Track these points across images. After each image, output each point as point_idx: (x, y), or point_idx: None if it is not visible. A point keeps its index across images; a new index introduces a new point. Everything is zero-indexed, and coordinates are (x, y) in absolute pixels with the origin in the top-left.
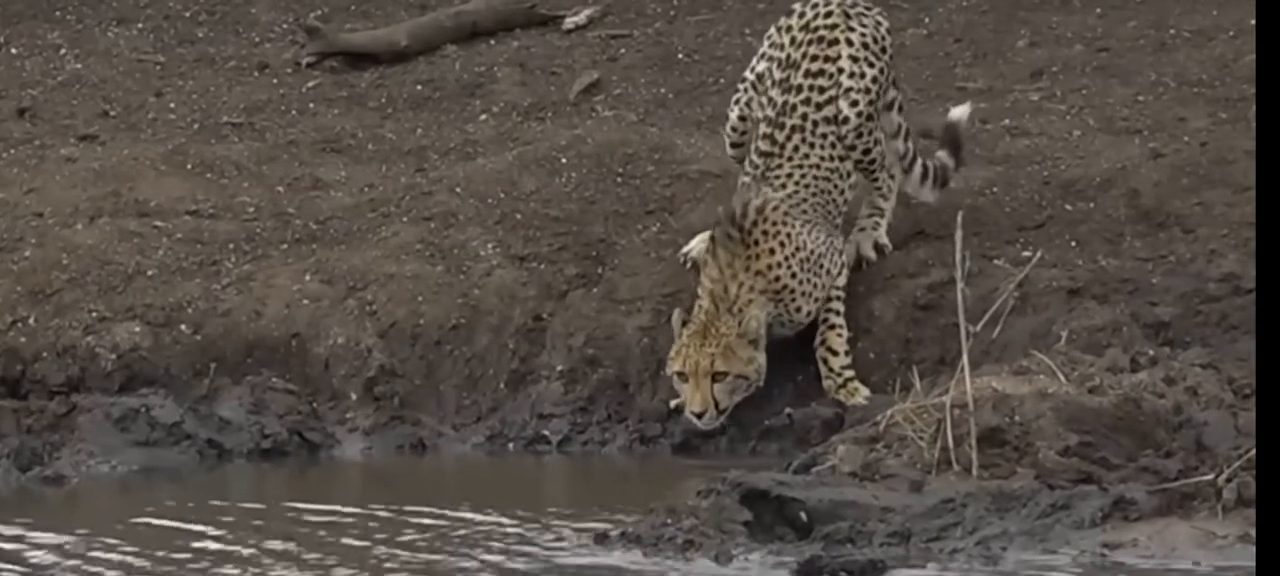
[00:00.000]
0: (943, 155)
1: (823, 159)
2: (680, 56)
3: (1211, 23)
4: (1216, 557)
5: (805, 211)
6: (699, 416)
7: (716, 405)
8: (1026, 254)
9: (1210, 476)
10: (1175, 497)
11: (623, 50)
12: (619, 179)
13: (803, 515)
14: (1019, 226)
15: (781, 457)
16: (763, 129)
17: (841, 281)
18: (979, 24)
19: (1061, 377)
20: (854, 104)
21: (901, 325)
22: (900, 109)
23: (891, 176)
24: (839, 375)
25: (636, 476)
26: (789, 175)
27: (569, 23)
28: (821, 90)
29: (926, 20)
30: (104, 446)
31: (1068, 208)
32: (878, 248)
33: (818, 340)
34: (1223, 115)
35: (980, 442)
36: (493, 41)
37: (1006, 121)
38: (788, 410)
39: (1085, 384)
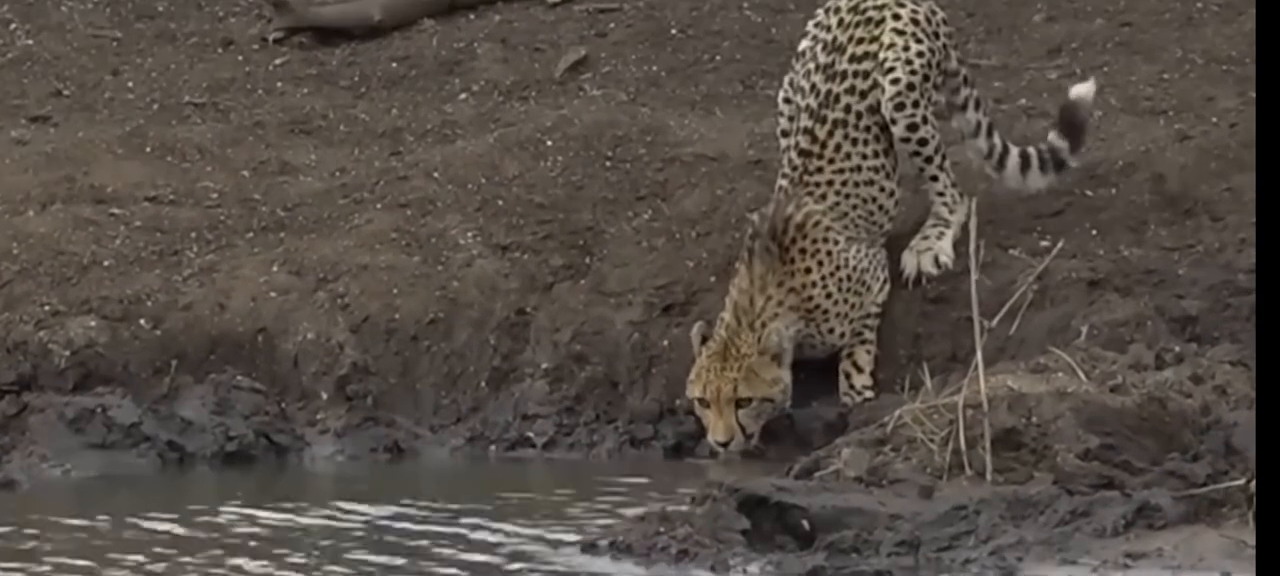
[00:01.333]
0: (1054, 137)
1: (865, 158)
2: (673, 32)
3: None
4: (1246, 567)
5: (848, 225)
6: (724, 445)
7: (743, 431)
8: (1045, 243)
9: (1240, 481)
10: (1203, 504)
11: (611, 25)
12: (608, 163)
13: (805, 523)
14: (1036, 214)
15: (782, 461)
16: (803, 122)
17: (882, 298)
18: None
19: (1081, 376)
20: (890, 70)
21: (911, 319)
22: (977, 105)
23: (956, 186)
24: (858, 393)
25: (627, 481)
26: (829, 182)
27: None
28: (866, 76)
29: None
30: (57, 449)
31: (1088, 194)
32: (938, 263)
33: (845, 351)
34: (1253, 95)
35: (995, 445)
36: (473, 15)
37: (1023, 101)
38: (788, 411)
39: (1107, 382)
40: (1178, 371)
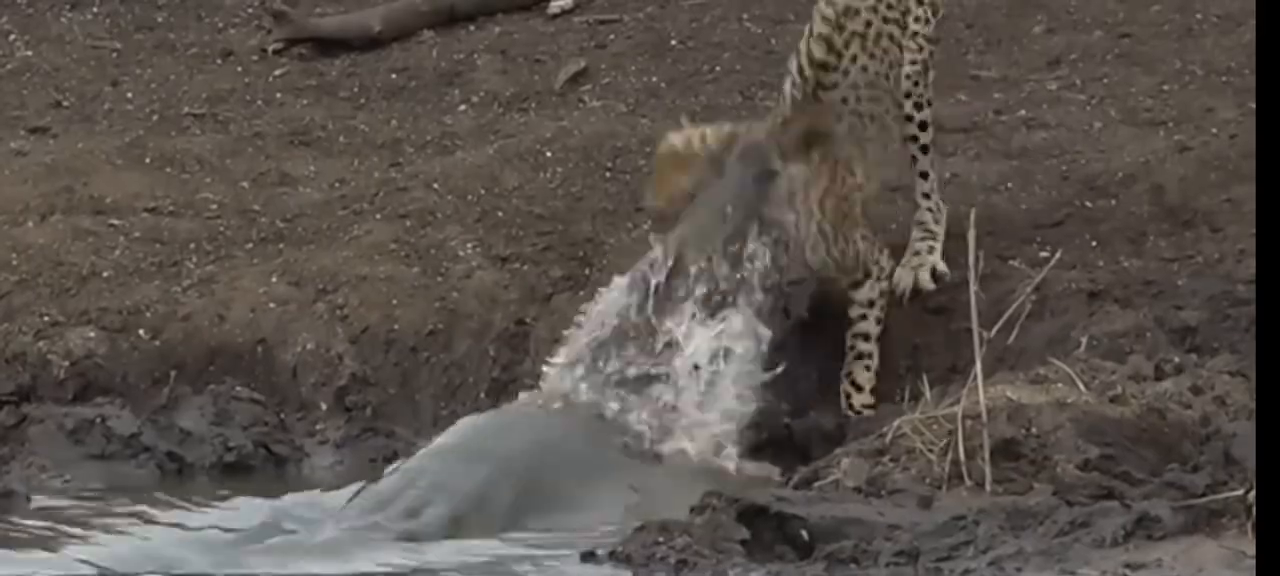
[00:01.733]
0: None
1: (879, 73)
2: (673, 43)
3: (1240, 7)
4: None
5: (859, 140)
6: None
7: None
8: (1044, 254)
9: (1239, 492)
10: (1202, 514)
11: (612, 36)
12: (608, 174)
13: (804, 533)
14: (1036, 225)
15: (781, 471)
16: (818, 29)
17: (878, 314)
18: (992, 8)
19: (1081, 386)
20: (914, 34)
21: (910, 330)
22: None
23: (938, 191)
24: (858, 412)
25: (626, 491)
26: (844, 99)
27: (554, 7)
28: (891, 6)
29: None
30: (57, 459)
31: (1088, 205)
32: (935, 275)
33: (845, 369)
34: (1253, 106)
35: (994, 456)
36: (472, 27)
37: (1022, 113)
38: (786, 421)
39: (1106, 393)
40: (1177, 382)
